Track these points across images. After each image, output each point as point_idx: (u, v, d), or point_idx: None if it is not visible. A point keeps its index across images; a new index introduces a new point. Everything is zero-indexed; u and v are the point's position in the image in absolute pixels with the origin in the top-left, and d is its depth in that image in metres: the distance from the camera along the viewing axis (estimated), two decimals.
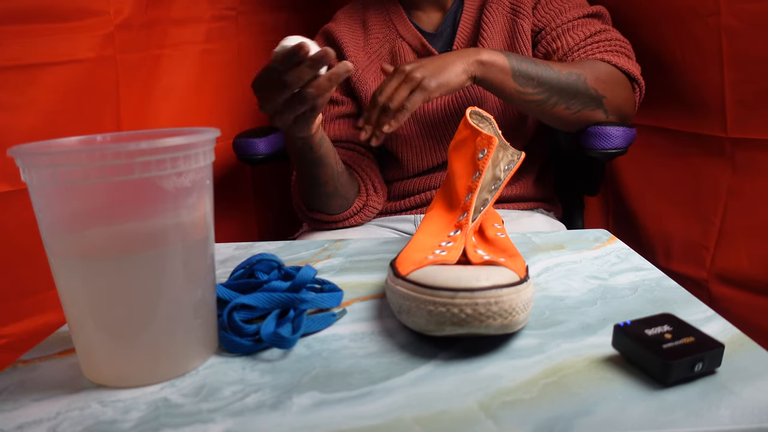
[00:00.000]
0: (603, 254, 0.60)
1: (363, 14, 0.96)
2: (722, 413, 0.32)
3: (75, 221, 0.38)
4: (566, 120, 0.84)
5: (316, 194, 0.84)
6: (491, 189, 0.52)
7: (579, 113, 0.82)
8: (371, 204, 0.90)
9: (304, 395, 0.36)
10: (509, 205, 0.94)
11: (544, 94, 0.79)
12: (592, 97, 0.81)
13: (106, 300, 0.37)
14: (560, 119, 0.83)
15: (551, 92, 0.79)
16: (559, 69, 0.79)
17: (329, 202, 0.85)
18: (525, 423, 0.32)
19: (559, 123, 0.85)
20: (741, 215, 0.92)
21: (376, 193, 0.91)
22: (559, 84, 0.79)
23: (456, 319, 0.38)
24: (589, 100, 0.81)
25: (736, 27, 0.85)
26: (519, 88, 0.77)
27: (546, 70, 0.78)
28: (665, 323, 0.38)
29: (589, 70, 0.81)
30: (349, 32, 0.94)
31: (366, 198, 0.89)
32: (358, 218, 0.89)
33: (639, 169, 1.12)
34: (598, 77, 0.81)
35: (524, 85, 0.77)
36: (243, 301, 0.45)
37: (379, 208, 0.92)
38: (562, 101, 0.80)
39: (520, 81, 0.77)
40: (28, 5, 0.76)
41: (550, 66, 0.79)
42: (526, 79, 0.77)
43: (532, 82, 0.77)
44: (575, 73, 0.80)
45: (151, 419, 0.35)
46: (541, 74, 0.78)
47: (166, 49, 0.98)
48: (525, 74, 0.77)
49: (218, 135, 0.40)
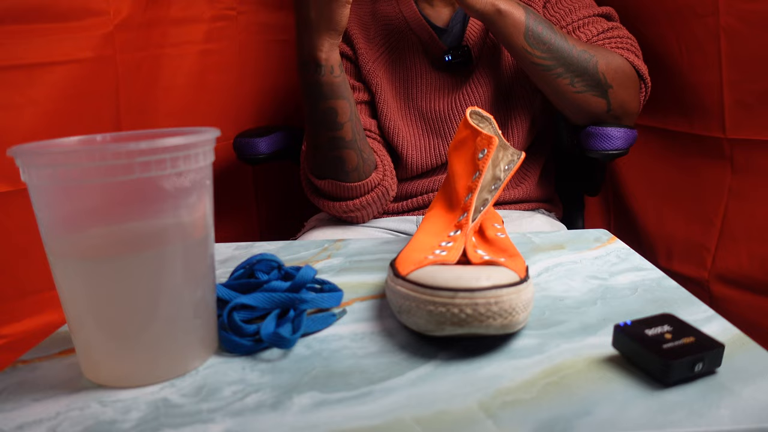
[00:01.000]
0: (603, 254, 0.60)
1: (372, 6, 0.96)
2: (722, 413, 0.32)
3: (75, 221, 0.38)
4: (567, 97, 0.83)
5: (331, 144, 0.78)
6: (491, 189, 0.52)
7: (581, 94, 0.82)
8: (386, 184, 0.85)
9: (304, 395, 0.36)
10: (510, 206, 0.94)
11: (550, 61, 0.79)
12: (599, 82, 0.81)
13: (106, 300, 0.37)
14: (561, 94, 0.83)
15: (558, 62, 0.79)
16: (574, 44, 0.79)
17: (345, 158, 0.78)
18: (525, 423, 0.32)
19: (559, 98, 0.84)
20: (741, 216, 0.92)
21: (392, 179, 0.87)
22: (570, 57, 0.79)
23: (456, 319, 0.38)
24: (594, 84, 0.81)
25: (734, 27, 0.85)
26: (527, 47, 0.78)
27: (561, 40, 0.78)
28: (665, 323, 0.38)
29: (602, 55, 0.81)
30: (359, 24, 0.94)
31: (383, 175, 0.84)
32: (371, 197, 0.83)
33: (639, 170, 1.12)
34: (609, 65, 0.81)
35: (533, 46, 0.77)
36: (243, 301, 0.45)
37: (393, 194, 0.87)
38: (567, 74, 0.80)
39: (530, 40, 0.77)
40: (28, 5, 0.76)
41: (567, 38, 0.79)
42: (537, 41, 0.77)
43: (542, 46, 0.77)
44: (588, 53, 0.80)
45: (151, 419, 0.35)
46: (554, 41, 0.78)
47: (166, 48, 0.98)
48: (537, 36, 0.77)
49: (218, 135, 0.40)
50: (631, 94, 0.85)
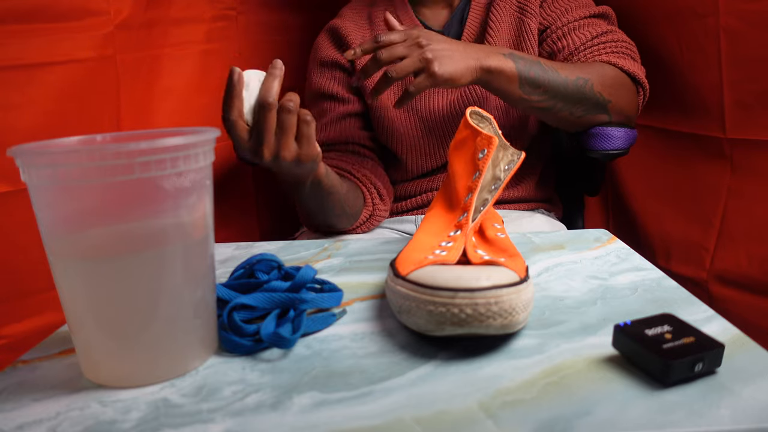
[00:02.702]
0: (603, 254, 0.60)
1: (369, 10, 0.96)
2: (722, 413, 0.32)
3: (75, 221, 0.38)
4: (568, 123, 0.83)
5: (324, 219, 0.82)
6: (491, 189, 0.52)
7: (582, 118, 0.82)
8: (378, 213, 0.88)
9: (304, 395, 0.36)
10: (510, 206, 0.94)
11: (549, 102, 0.78)
12: (598, 102, 0.80)
13: (106, 300, 0.37)
14: (562, 122, 0.83)
15: (557, 99, 0.78)
16: (567, 74, 0.77)
17: (337, 222, 0.83)
18: (525, 423, 0.32)
19: (560, 124, 0.85)
20: (740, 216, 0.91)
21: (382, 200, 0.89)
22: (566, 90, 0.77)
23: (456, 319, 0.38)
24: (593, 105, 0.81)
25: (734, 27, 0.85)
26: (524, 95, 0.76)
27: (554, 75, 0.77)
28: (665, 323, 0.38)
29: (596, 74, 0.80)
30: (355, 28, 0.94)
31: (372, 208, 0.87)
32: (365, 227, 0.88)
33: (639, 170, 1.12)
34: (604, 82, 0.80)
35: (530, 93, 0.76)
36: (243, 301, 0.45)
37: (386, 215, 0.91)
38: (566, 107, 0.79)
39: (526, 89, 0.76)
40: (28, 5, 0.76)
41: (558, 71, 0.77)
42: (532, 87, 0.76)
43: (538, 90, 0.76)
44: (582, 78, 0.78)
45: (151, 419, 0.35)
46: (549, 81, 0.76)
47: (166, 48, 0.98)
48: (532, 82, 0.75)
49: (218, 135, 0.40)
50: (629, 100, 0.85)
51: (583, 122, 0.83)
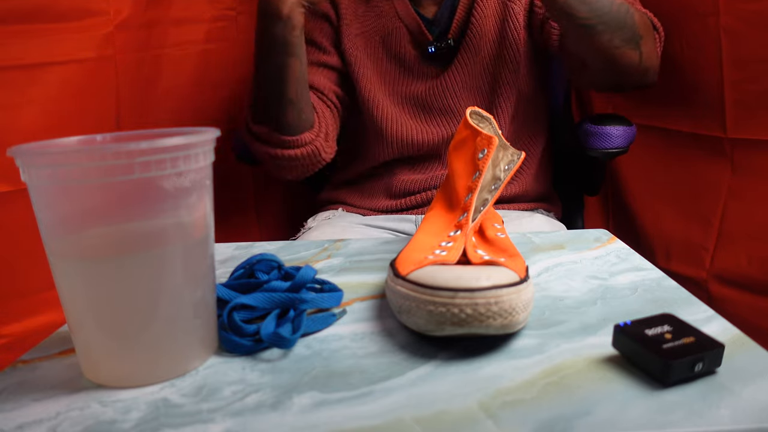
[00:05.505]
0: (603, 254, 0.60)
1: None
2: (722, 413, 0.32)
3: (75, 221, 0.38)
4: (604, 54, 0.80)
5: (274, 94, 0.80)
6: (491, 189, 0.52)
7: (619, 49, 0.80)
8: (318, 144, 0.86)
9: (304, 395, 0.36)
10: (509, 205, 0.94)
11: (594, 20, 0.77)
12: (635, 33, 0.79)
13: (106, 300, 0.37)
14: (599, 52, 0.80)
15: (601, 18, 0.77)
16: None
17: (283, 113, 0.81)
18: (525, 423, 0.32)
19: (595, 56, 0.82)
20: (740, 216, 0.91)
21: (326, 141, 0.88)
22: (611, 11, 0.77)
23: (456, 319, 0.38)
24: (630, 37, 0.79)
25: (735, 27, 0.85)
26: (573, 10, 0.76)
27: None
28: (665, 323, 0.38)
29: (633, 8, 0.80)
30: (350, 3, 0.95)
31: (316, 135, 0.86)
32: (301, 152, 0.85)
33: (639, 170, 1.12)
34: (639, 17, 0.80)
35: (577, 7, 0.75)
36: (243, 301, 0.45)
37: (325, 161, 0.89)
38: (608, 31, 0.78)
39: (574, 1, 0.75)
40: (28, 5, 0.76)
41: None
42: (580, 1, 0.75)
43: (585, 6, 0.75)
44: (624, 5, 0.78)
45: (151, 419, 0.35)
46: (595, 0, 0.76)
47: (166, 48, 0.98)
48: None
49: (218, 135, 0.40)
50: (653, 46, 0.84)
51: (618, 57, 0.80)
